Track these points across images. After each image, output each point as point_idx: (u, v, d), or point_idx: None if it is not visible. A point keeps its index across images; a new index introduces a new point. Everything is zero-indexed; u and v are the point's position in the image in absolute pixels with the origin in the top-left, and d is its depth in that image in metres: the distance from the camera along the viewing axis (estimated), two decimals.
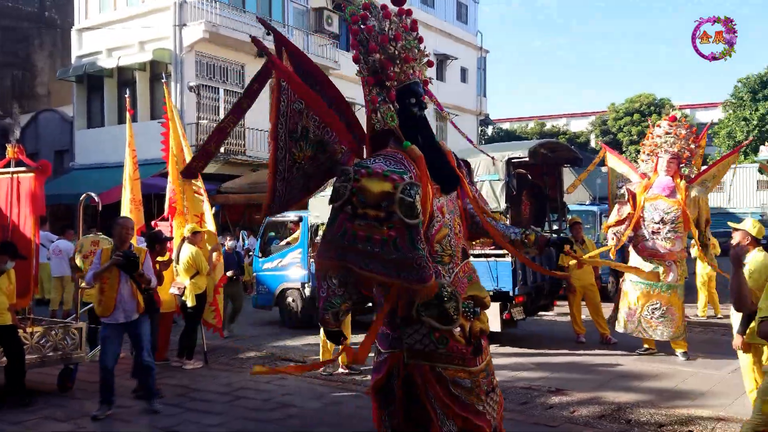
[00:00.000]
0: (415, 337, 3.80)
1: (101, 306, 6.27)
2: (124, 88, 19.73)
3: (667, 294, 8.37)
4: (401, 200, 3.40)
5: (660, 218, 8.43)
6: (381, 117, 3.96)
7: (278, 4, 21.14)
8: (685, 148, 8.61)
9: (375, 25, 3.97)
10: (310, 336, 10.44)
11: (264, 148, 19.90)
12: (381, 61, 3.97)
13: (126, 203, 8.93)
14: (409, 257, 3.40)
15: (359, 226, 3.45)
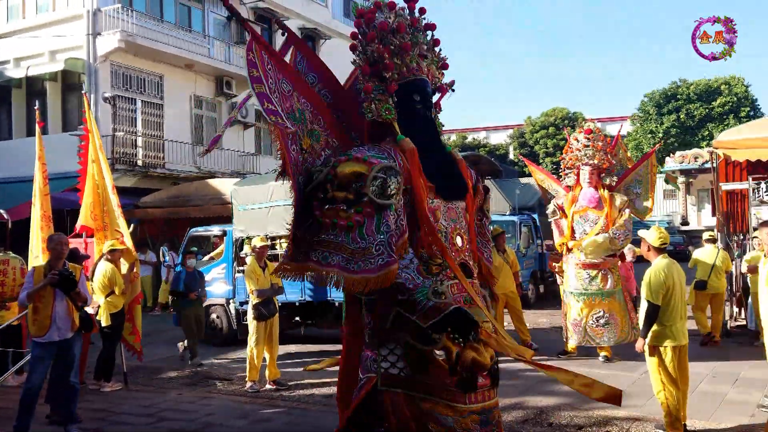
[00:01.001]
0: (390, 359, 3.32)
1: (35, 325, 6.02)
2: (33, 99, 18.81)
3: (608, 301, 8.74)
4: (374, 178, 3.16)
5: (590, 229, 8.80)
6: (375, 108, 3.69)
7: (198, 15, 20.75)
8: (604, 158, 8.98)
9: (378, 17, 3.82)
10: (236, 352, 10.25)
11: (184, 161, 19.42)
12: (378, 50, 3.74)
13: (36, 219, 8.49)
14: (371, 244, 3.09)
15: (326, 212, 3.22)
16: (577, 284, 8.87)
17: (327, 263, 3.17)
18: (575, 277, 8.89)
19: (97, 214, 8.45)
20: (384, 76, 3.71)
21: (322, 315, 10.41)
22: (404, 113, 3.70)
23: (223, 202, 15.57)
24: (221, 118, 21.58)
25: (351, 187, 3.19)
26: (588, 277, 8.78)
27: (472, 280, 3.66)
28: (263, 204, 10.47)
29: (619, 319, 8.71)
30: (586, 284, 8.81)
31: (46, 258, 7.25)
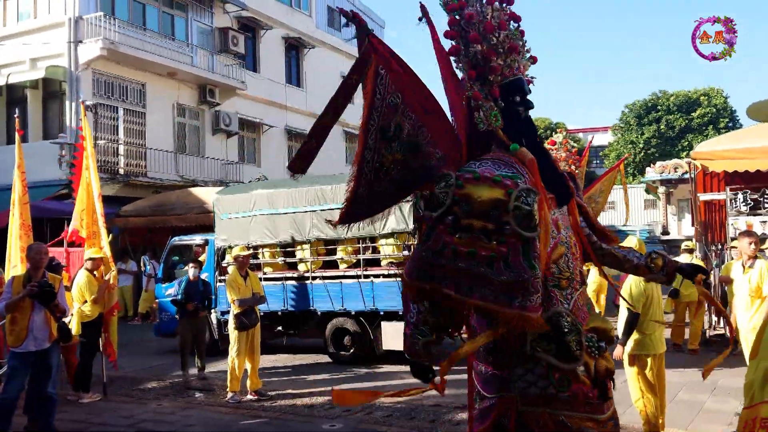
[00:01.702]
0: (530, 378, 3.15)
1: (12, 335, 5.99)
2: (13, 106, 18.61)
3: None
4: (516, 209, 2.88)
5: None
6: (484, 116, 3.34)
7: (181, 23, 20.70)
8: (566, 170, 9.11)
9: (475, 12, 3.42)
10: (217, 362, 10.16)
11: (166, 169, 19.30)
12: (484, 52, 3.37)
13: (15, 229, 8.39)
14: (524, 278, 2.85)
15: (461, 241, 2.87)
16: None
17: (471, 295, 2.85)
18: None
19: (88, 222, 8.38)
20: (488, 79, 3.37)
21: (304, 324, 10.38)
22: (506, 118, 3.41)
23: (205, 211, 15.48)
24: (204, 127, 21.51)
25: (489, 216, 2.85)
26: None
27: (585, 288, 3.53)
28: (246, 213, 10.46)
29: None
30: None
31: (25, 268, 7.19)
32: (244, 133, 23.43)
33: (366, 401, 5.00)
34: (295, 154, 3.72)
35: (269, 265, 10.42)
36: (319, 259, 10.04)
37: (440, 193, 2.93)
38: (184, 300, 9.11)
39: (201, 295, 9.30)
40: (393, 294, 9.27)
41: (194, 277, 9.29)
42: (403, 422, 6.80)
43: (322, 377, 9.17)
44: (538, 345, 3.09)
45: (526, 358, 3.13)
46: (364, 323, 9.65)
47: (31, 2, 18.63)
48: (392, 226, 9.29)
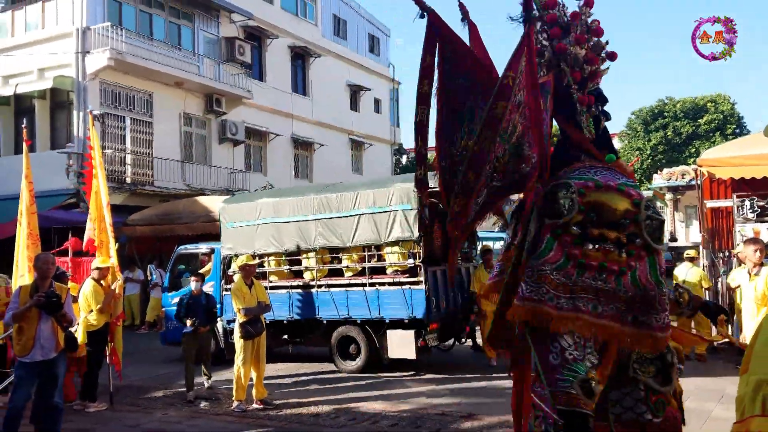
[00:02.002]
0: (627, 403, 2.91)
1: (19, 345, 6.01)
2: (21, 116, 18.75)
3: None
4: (649, 219, 2.72)
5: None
6: (586, 122, 3.12)
7: (188, 33, 20.83)
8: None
9: (560, 15, 3.16)
10: (223, 371, 10.16)
11: (173, 178, 19.39)
12: (587, 56, 3.11)
13: (22, 238, 8.45)
14: (652, 295, 2.67)
15: (591, 253, 2.67)
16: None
17: (600, 315, 2.62)
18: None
19: (97, 231, 8.42)
20: (587, 84, 3.15)
21: (310, 333, 10.37)
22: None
23: (211, 220, 15.52)
24: (211, 136, 21.61)
25: (620, 225, 2.71)
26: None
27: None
28: (251, 222, 10.49)
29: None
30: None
31: (32, 277, 7.23)
32: (251, 141, 23.52)
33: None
34: (417, 178, 3.49)
35: (275, 274, 10.44)
36: (324, 268, 10.05)
37: (563, 201, 2.73)
38: (184, 315, 8.75)
39: (203, 309, 8.84)
40: (398, 302, 9.27)
41: (197, 291, 8.93)
42: (409, 430, 6.78)
43: (328, 386, 9.16)
44: (640, 367, 2.89)
45: (625, 382, 2.89)
46: (369, 331, 9.63)
47: (39, 13, 18.80)
48: (397, 234, 9.30)
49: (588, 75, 3.09)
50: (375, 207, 9.51)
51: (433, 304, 9.19)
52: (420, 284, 9.13)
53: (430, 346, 9.47)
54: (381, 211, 9.45)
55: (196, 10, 20.80)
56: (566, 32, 3.10)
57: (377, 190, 9.63)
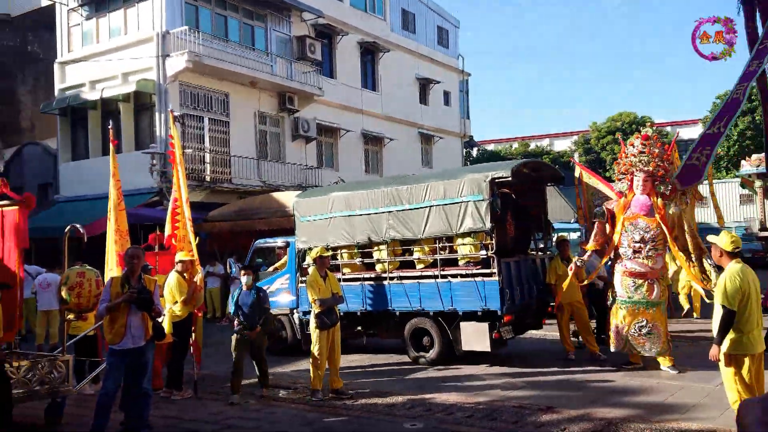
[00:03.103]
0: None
1: (111, 334, 6.31)
2: (107, 119, 19.74)
3: (652, 311, 8.55)
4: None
5: (640, 237, 8.61)
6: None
7: (261, 34, 21.35)
8: (659, 166, 8.72)
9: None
10: (300, 361, 10.39)
11: (249, 175, 19.94)
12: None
13: (111, 234, 8.89)
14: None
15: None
16: (622, 292, 8.72)
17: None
18: (621, 284, 8.75)
19: (182, 226, 8.75)
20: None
21: (383, 325, 10.44)
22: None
23: (286, 215, 15.87)
24: (284, 133, 22.09)
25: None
26: (633, 285, 8.61)
27: None
28: (324, 215, 10.66)
29: (662, 330, 8.53)
30: (631, 292, 8.63)
31: (120, 271, 7.61)
32: (322, 138, 23.88)
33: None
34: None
35: (347, 266, 10.56)
36: (396, 260, 10.08)
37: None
38: (234, 313, 8.23)
39: (253, 308, 8.15)
40: (471, 294, 9.20)
41: (248, 286, 8.29)
42: (485, 423, 6.72)
43: (402, 377, 9.20)
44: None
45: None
46: (442, 323, 9.60)
47: (122, 19, 19.74)
48: (469, 225, 9.22)
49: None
50: (446, 198, 9.46)
51: (507, 296, 9.06)
52: (493, 276, 9.02)
53: (505, 339, 9.35)
54: (452, 203, 9.40)
55: (268, 11, 21.28)
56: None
57: (448, 181, 9.58)
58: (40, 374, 6.87)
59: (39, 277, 12.27)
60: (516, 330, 9.66)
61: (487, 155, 45.62)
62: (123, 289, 6.36)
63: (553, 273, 9.81)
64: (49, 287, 11.86)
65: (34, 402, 7.01)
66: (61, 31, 21.13)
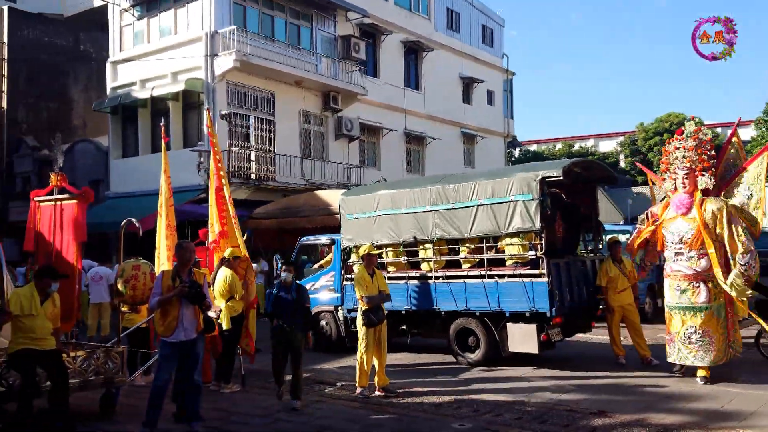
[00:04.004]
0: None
1: (163, 326, 6.42)
2: (157, 117, 20.15)
3: (700, 316, 8.06)
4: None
5: (680, 238, 8.20)
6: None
7: (306, 33, 21.51)
8: (696, 159, 8.28)
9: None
10: (345, 358, 10.42)
11: (293, 173, 20.11)
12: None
13: (162, 229, 9.06)
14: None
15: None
16: (670, 297, 8.37)
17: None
18: (668, 289, 8.40)
19: (228, 221, 8.82)
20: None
21: (428, 324, 10.38)
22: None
23: (330, 213, 15.96)
24: (328, 132, 22.23)
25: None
26: (679, 289, 8.23)
27: None
28: (370, 213, 10.66)
29: (715, 337, 8.01)
30: (678, 297, 8.25)
31: (171, 264, 7.74)
32: (365, 137, 23.94)
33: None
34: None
35: (392, 265, 10.54)
36: (441, 259, 10.02)
37: None
38: (270, 311, 7.62)
39: (293, 306, 7.51)
40: (519, 295, 9.07)
41: (286, 282, 7.65)
42: (535, 425, 6.61)
43: (447, 377, 9.13)
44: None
45: None
46: (489, 324, 9.50)
47: (172, 19, 20.13)
48: (517, 225, 9.10)
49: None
50: (494, 197, 9.36)
51: (556, 298, 8.90)
52: (542, 277, 8.88)
53: (553, 341, 9.19)
54: (500, 202, 9.28)
55: (314, 10, 21.43)
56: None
57: (496, 180, 9.47)
58: (95, 365, 7.04)
59: (91, 270, 12.60)
60: (564, 332, 9.48)
61: (530, 155, 45.08)
62: (174, 283, 6.46)
63: (604, 275, 9.60)
64: (101, 280, 12.19)
65: (89, 392, 7.18)
66: (113, 30, 21.67)
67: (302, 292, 7.71)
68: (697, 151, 8.27)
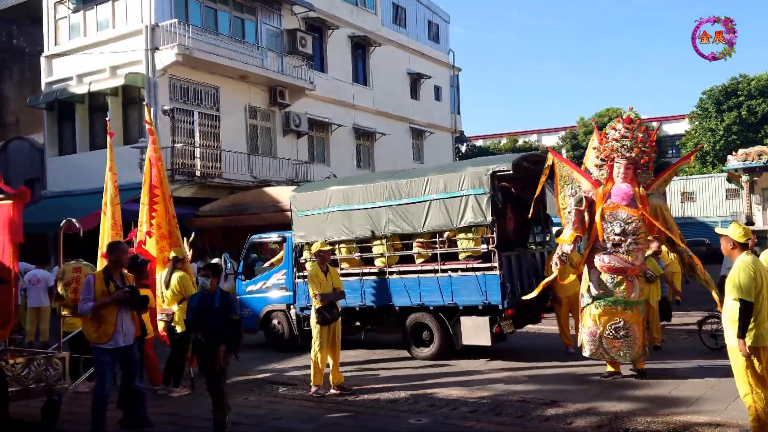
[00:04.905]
0: None
1: (98, 332, 6.11)
2: (96, 114, 19.43)
3: (629, 312, 7.76)
4: None
5: (621, 229, 7.72)
6: None
7: (251, 27, 21.12)
8: (643, 152, 7.86)
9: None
10: (298, 358, 10.29)
11: (240, 170, 19.72)
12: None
13: (107, 228, 8.72)
14: None
15: None
16: (601, 289, 7.87)
17: None
18: (597, 281, 7.89)
19: (162, 222, 8.57)
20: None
21: (382, 320, 10.35)
22: None
23: (279, 210, 15.75)
24: (275, 128, 21.91)
25: None
26: (612, 281, 7.78)
27: None
28: (322, 209, 10.54)
29: (638, 333, 7.77)
30: (609, 289, 7.80)
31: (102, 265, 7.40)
32: (314, 132, 23.72)
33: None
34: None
35: (346, 261, 10.46)
36: (395, 254, 9.99)
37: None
38: (191, 323, 6.52)
39: (216, 316, 6.29)
40: (472, 288, 9.13)
41: (209, 289, 6.42)
42: (490, 417, 6.67)
43: (402, 373, 9.11)
44: None
45: None
46: (443, 318, 9.54)
47: (110, 12, 19.44)
48: (470, 219, 9.16)
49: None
50: (446, 192, 9.39)
51: (508, 290, 9.00)
52: (494, 270, 8.97)
53: (506, 333, 9.30)
54: (452, 197, 9.32)
55: (258, 3, 21.06)
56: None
57: (448, 175, 9.50)
58: (36, 372, 6.70)
59: (28, 273, 12.02)
60: (516, 324, 9.61)
61: (477, 151, 45.68)
62: (108, 287, 6.14)
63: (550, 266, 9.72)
64: (39, 283, 11.66)
65: (30, 400, 6.84)
66: (47, 24, 20.78)
67: (227, 301, 6.51)
68: (645, 144, 7.92)
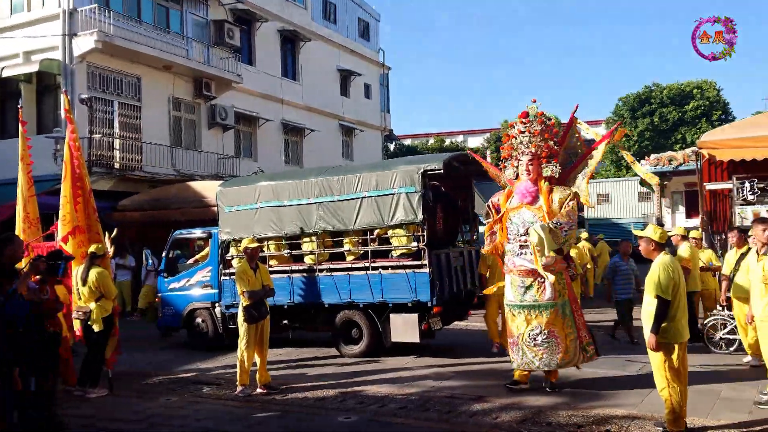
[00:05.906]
0: None
1: None
2: (8, 101, 18.32)
3: (545, 315, 7.15)
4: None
5: (525, 229, 7.25)
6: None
7: (176, 16, 20.45)
8: (542, 146, 7.43)
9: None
10: (223, 356, 10.06)
11: (162, 163, 19.06)
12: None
13: (19, 223, 8.21)
14: None
15: None
16: (513, 294, 7.38)
17: None
18: (510, 285, 7.43)
19: (80, 216, 8.16)
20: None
21: (311, 317, 10.25)
22: None
23: (203, 205, 15.34)
24: (200, 120, 21.32)
25: None
26: (523, 286, 7.26)
27: None
28: (250, 205, 10.33)
29: (561, 336, 7.16)
30: (521, 295, 7.28)
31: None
32: (240, 127, 23.24)
33: None
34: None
35: (274, 258, 10.29)
36: (325, 252, 9.92)
37: None
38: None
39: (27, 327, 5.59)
40: (401, 286, 9.19)
41: (21, 292, 5.56)
42: (419, 413, 6.72)
43: (330, 370, 9.06)
44: None
45: None
46: (372, 316, 9.54)
47: None
48: (401, 217, 9.21)
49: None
50: (378, 190, 9.39)
51: (437, 287, 9.11)
52: (424, 267, 9.05)
53: (434, 330, 9.40)
54: (384, 194, 9.34)
55: None
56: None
57: (380, 173, 9.51)
58: None
59: None
60: (444, 321, 9.74)
61: (405, 150, 46.03)
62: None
63: (484, 264, 9.92)
64: None
65: None
66: None
67: (18, 304, 5.38)
68: (543, 136, 7.47)
